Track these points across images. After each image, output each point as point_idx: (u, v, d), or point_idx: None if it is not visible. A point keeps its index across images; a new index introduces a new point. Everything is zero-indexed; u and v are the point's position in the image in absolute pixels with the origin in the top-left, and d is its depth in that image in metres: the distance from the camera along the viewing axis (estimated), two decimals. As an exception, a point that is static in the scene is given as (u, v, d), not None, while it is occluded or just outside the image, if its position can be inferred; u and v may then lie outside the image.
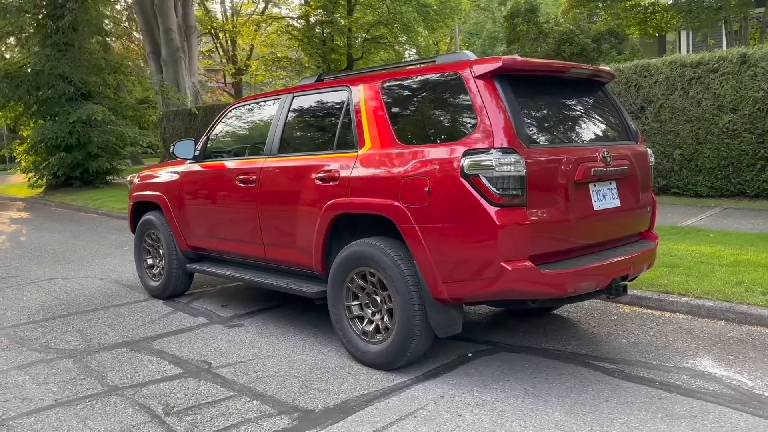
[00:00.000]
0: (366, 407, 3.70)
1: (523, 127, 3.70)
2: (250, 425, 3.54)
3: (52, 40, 15.94)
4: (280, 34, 37.23)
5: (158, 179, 6.28)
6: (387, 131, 4.22)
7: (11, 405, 3.95)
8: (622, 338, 4.76)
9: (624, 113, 4.61)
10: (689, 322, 5.09)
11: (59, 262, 8.58)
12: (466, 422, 3.45)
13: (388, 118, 4.25)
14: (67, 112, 16.01)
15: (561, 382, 3.95)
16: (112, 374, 4.39)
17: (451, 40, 44.00)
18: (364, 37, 35.61)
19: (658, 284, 5.71)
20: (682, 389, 3.79)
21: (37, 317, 5.88)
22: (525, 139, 3.67)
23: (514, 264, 3.58)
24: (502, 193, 3.57)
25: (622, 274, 4.06)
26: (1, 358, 4.82)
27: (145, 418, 3.68)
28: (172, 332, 5.28)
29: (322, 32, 35.55)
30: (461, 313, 4.07)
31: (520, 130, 3.66)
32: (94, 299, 6.48)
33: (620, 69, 10.65)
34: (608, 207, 4.10)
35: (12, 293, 6.87)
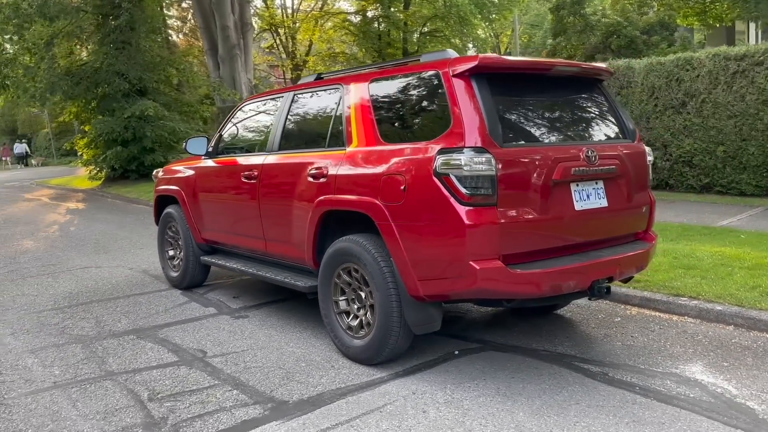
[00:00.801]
0: (337, 401, 3.77)
1: (498, 126, 3.67)
2: (223, 413, 3.67)
3: (110, 38, 16.66)
4: (337, 29, 37.60)
5: (177, 174, 6.52)
6: (372, 129, 4.27)
7: (14, 385, 4.22)
8: (617, 341, 4.66)
9: (621, 111, 4.50)
10: (695, 326, 4.93)
11: (98, 252, 9.01)
12: (428, 419, 3.48)
13: (374, 116, 4.30)
14: (123, 108, 16.71)
15: (537, 383, 3.91)
16: (113, 360, 4.62)
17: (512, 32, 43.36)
18: (420, 30, 35.54)
19: (671, 286, 5.54)
20: (660, 395, 3.70)
21: (62, 304, 6.22)
22: (499, 138, 3.65)
23: (483, 263, 3.57)
24: (471, 193, 3.57)
25: (606, 275, 3.98)
26: (19, 340, 5.14)
27: (128, 403, 3.87)
28: (181, 321, 5.50)
29: (378, 27, 35.69)
30: (440, 311, 4.08)
31: (493, 129, 3.64)
32: (119, 288, 6.79)
33: (662, 62, 10.30)
34: (593, 207, 4.02)
35: (47, 281, 7.28)
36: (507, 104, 3.95)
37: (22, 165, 42.80)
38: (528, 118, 4.07)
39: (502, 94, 3.89)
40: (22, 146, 44.25)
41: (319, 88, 4.94)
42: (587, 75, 4.39)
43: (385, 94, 4.32)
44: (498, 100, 3.82)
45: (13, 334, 5.32)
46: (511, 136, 3.79)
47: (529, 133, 3.98)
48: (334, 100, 4.71)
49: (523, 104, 4.08)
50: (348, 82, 4.62)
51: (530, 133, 3.98)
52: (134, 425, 3.58)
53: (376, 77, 4.43)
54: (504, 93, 3.91)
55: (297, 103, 5.13)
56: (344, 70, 5.05)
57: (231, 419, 3.60)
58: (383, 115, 4.28)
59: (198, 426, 3.53)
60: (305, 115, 5.09)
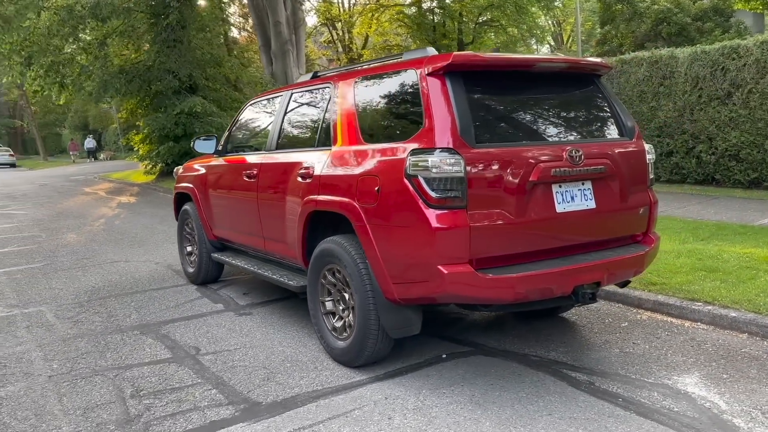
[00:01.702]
0: (309, 404, 3.75)
1: (471, 126, 3.55)
2: (194, 413, 3.72)
3: (161, 37, 17.15)
4: (392, 22, 37.52)
5: (192, 173, 6.64)
6: (354, 129, 4.22)
7: (13, 378, 4.40)
8: (616, 347, 4.46)
9: (618, 108, 4.28)
10: (706, 333, 4.67)
11: (132, 246, 9.31)
12: (391, 426, 3.42)
13: (357, 116, 4.24)
14: (174, 105, 17.20)
15: (516, 391, 3.78)
16: (110, 355, 4.75)
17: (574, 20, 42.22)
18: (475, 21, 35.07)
19: (687, 290, 5.27)
20: (641, 408, 3.51)
21: (83, 298, 6.45)
22: (471, 138, 3.53)
23: (451, 268, 3.47)
24: (440, 195, 3.47)
25: (591, 280, 3.80)
26: (32, 333, 5.35)
27: (111, 399, 3.97)
28: (187, 317, 5.60)
29: (432, 18, 35.43)
30: (419, 315, 4.00)
31: (465, 129, 3.52)
32: (140, 282, 6.99)
33: (706, 51, 9.78)
34: (578, 209, 3.84)
35: (76, 274, 7.56)
36: (485, 103, 3.82)
37: (91, 159, 44.70)
38: (508, 118, 3.92)
39: (479, 92, 3.76)
40: (91, 141, 46.21)
41: (313, 87, 4.92)
42: (580, 70, 4.20)
43: (367, 93, 4.26)
44: (474, 100, 3.70)
45: (28, 327, 5.55)
46: (486, 136, 3.66)
47: (508, 133, 3.83)
48: (324, 99, 4.68)
49: (503, 103, 3.93)
50: (337, 80, 4.58)
51: (509, 133, 3.83)
52: (109, 422, 3.66)
53: (361, 76, 4.37)
54: (482, 92, 3.79)
55: (293, 102, 5.13)
56: (338, 69, 5.00)
57: (201, 419, 3.64)
58: (365, 114, 4.22)
59: (168, 425, 3.59)
60: (299, 114, 5.08)
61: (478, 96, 3.75)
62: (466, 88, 3.66)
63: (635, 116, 10.96)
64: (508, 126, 3.88)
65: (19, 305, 6.27)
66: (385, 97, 4.13)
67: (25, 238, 10.57)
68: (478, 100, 3.75)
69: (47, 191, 20.30)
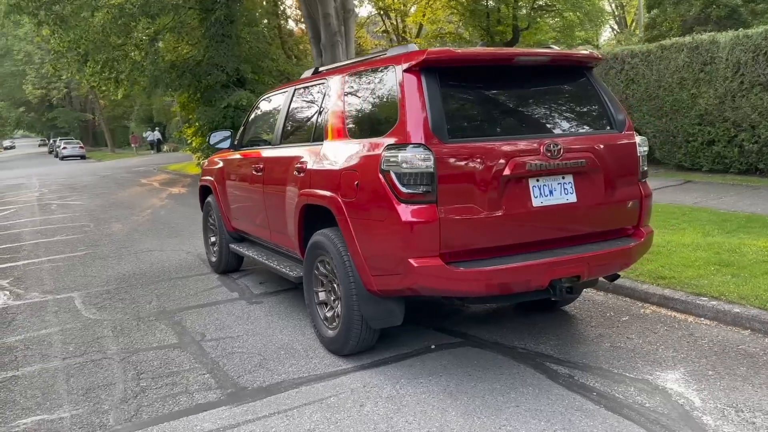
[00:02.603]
0: (290, 390, 3.91)
1: (443, 121, 3.60)
2: (184, 396, 3.93)
3: (210, 32, 17.63)
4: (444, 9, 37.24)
5: (213, 166, 6.90)
6: (342, 124, 4.32)
7: (32, 359, 4.74)
8: (607, 342, 4.43)
9: (608, 100, 4.22)
10: (707, 329, 4.58)
11: (170, 236, 9.71)
12: (360, 413, 3.53)
13: (344, 111, 4.35)
14: (222, 98, 17.68)
15: (492, 382, 3.83)
16: (122, 339, 5.04)
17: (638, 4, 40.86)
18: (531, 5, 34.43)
19: (695, 285, 5.16)
20: (612, 403, 3.51)
21: (112, 285, 6.81)
22: (443, 133, 3.58)
23: (421, 261, 3.55)
24: (409, 190, 3.54)
25: (568, 274, 3.79)
26: (58, 318, 5.72)
27: (112, 380, 4.23)
28: (202, 305, 5.86)
29: (486, 4, 34.96)
30: (401, 306, 4.08)
31: (437, 124, 3.58)
32: (167, 271, 7.32)
33: (748, 35, 9.38)
34: (557, 203, 3.83)
35: (111, 263, 7.98)
36: (461, 98, 3.86)
37: (154, 151, 46.35)
38: (486, 112, 3.95)
39: (456, 88, 3.80)
40: (154, 134, 47.87)
41: (312, 83, 5.05)
42: (566, 63, 4.17)
43: (354, 89, 4.36)
44: (450, 95, 3.75)
45: (56, 312, 5.92)
46: (461, 131, 3.70)
47: (485, 128, 3.85)
48: (320, 95, 4.80)
49: (482, 97, 3.96)
50: (331, 75, 4.70)
51: (486, 128, 3.86)
52: (105, 401, 3.92)
53: (350, 71, 4.47)
54: (459, 87, 3.83)
55: (296, 97, 5.28)
56: (337, 64, 5.11)
57: (188, 401, 3.85)
58: (351, 110, 4.32)
59: (157, 406, 3.81)
60: (300, 109, 5.22)
61: (454, 91, 3.79)
62: (442, 84, 3.71)
63: (675, 104, 10.64)
64: (485, 121, 3.90)
65: (53, 291, 6.68)
66: (369, 94, 4.21)
67: (75, 227, 11.16)
68: (455, 96, 3.80)
69: (106, 182, 21.26)
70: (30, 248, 9.38)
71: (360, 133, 4.14)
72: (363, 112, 4.25)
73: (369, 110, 4.20)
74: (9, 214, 13.81)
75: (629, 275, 5.58)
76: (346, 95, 4.39)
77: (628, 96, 11.33)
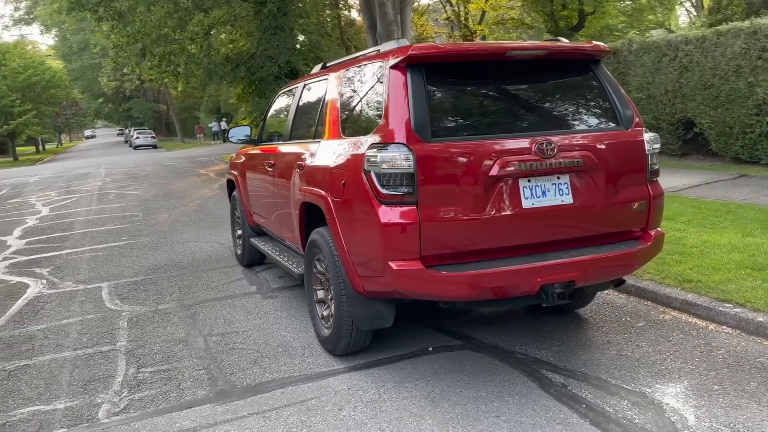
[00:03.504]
0: (276, 390, 3.89)
1: (427, 120, 3.48)
2: (174, 392, 3.98)
3: (263, 24, 17.87)
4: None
5: (238, 160, 6.97)
6: (337, 122, 4.26)
7: (46, 349, 4.91)
8: (614, 350, 4.21)
9: (614, 95, 3.97)
10: (727, 338, 4.29)
11: (210, 227, 9.91)
12: (336, 418, 3.48)
13: (340, 108, 4.28)
14: (274, 90, 17.91)
15: (479, 389, 3.70)
16: (133, 331, 5.16)
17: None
18: (599, -12, 33.20)
19: (722, 290, 4.84)
20: (600, 417, 3.33)
21: (141, 276, 7.00)
22: (426, 132, 3.46)
23: (401, 264, 3.45)
24: (389, 191, 3.45)
25: (560, 279, 3.60)
26: (82, 308, 5.92)
27: (113, 373, 4.34)
28: (218, 298, 5.94)
29: (550, -13, 33.94)
30: (391, 308, 4.00)
31: (420, 123, 3.46)
32: (196, 262, 7.46)
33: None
34: (551, 204, 3.65)
35: (147, 253, 8.20)
36: (450, 96, 3.72)
37: (220, 141, 47.54)
38: (476, 110, 3.79)
39: (444, 85, 3.67)
40: (219, 124, 49.06)
41: (317, 79, 5.00)
42: (567, 57, 3.95)
43: (349, 86, 4.28)
44: (436, 92, 3.62)
45: (82, 302, 6.14)
46: (446, 130, 3.57)
47: (472, 126, 3.70)
48: (323, 91, 4.75)
49: (472, 94, 3.81)
50: (331, 73, 4.64)
51: (473, 126, 3.70)
52: (100, 394, 4.02)
53: (347, 67, 4.39)
54: (448, 84, 3.69)
55: (304, 93, 5.24)
56: (341, 60, 5.03)
57: (177, 397, 3.90)
58: (345, 107, 4.25)
59: (147, 401, 3.88)
60: (306, 105, 5.18)
61: (442, 88, 3.66)
62: (429, 81, 3.58)
63: (731, 93, 10.02)
64: (474, 119, 3.75)
65: (85, 281, 6.93)
66: (360, 90, 4.12)
67: (125, 217, 11.56)
68: (442, 93, 3.67)
69: (167, 172, 21.93)
70: (77, 237, 9.77)
71: (351, 131, 4.06)
72: (355, 110, 4.17)
73: (360, 108, 4.12)
74: (69, 203, 14.44)
75: (654, 278, 5.30)
76: (342, 92, 4.32)
77: (681, 85, 10.75)
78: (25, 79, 45.68)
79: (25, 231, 10.93)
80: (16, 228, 11.33)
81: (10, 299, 6.44)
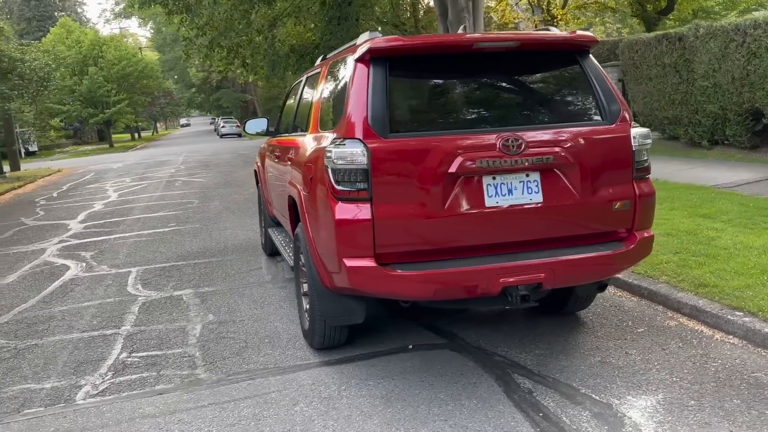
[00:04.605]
0: (244, 382, 3.94)
1: (385, 115, 3.40)
2: (152, 377, 4.11)
3: (328, 14, 18.02)
4: (591, -27, 35.00)
5: (260, 152, 7.08)
6: (317, 115, 4.25)
7: (58, 330, 5.19)
8: (598, 356, 4.00)
9: (600, 88, 3.73)
10: (729, 349, 3.99)
11: (252, 215, 10.09)
12: (288, 413, 3.48)
13: (321, 102, 4.26)
14: (337, 79, 18.07)
15: (438, 391, 3.60)
16: (142, 316, 5.36)
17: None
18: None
19: (738, 296, 4.50)
20: (553, 427, 3.16)
21: (170, 262, 7.26)
22: (383, 128, 3.38)
23: (354, 261, 3.41)
24: (343, 188, 3.40)
25: (524, 281, 3.45)
26: (106, 291, 6.21)
27: (105, 356, 4.53)
28: (232, 286, 6.08)
29: (638, -35, 32.36)
30: (362, 305, 3.95)
31: (377, 118, 3.39)
32: (226, 250, 7.66)
33: None
34: (517, 203, 3.48)
35: (185, 239, 8.50)
36: (413, 89, 3.63)
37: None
38: (440, 104, 3.67)
39: (407, 78, 3.58)
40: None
41: (314, 71, 5.00)
42: (546, 48, 3.75)
43: (329, 79, 4.25)
44: (399, 86, 3.54)
45: (108, 286, 6.44)
46: (406, 125, 3.48)
47: (435, 121, 3.58)
48: (316, 83, 4.74)
49: (437, 88, 3.69)
50: (324, 65, 4.62)
51: (436, 121, 3.58)
52: (86, 375, 4.21)
53: (333, 60, 4.36)
54: (412, 77, 3.60)
55: (305, 85, 5.26)
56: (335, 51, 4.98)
57: (153, 383, 4.02)
58: (323, 101, 4.23)
59: (125, 386, 4.02)
60: (304, 98, 5.19)
61: (405, 82, 3.58)
62: (392, 74, 3.50)
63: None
64: (439, 114, 3.63)
65: (120, 265, 7.26)
66: (336, 84, 4.08)
67: (182, 204, 12.02)
68: (406, 87, 3.58)
69: (239, 160, 22.57)
70: (130, 223, 10.25)
71: (324, 126, 4.05)
72: (329, 104, 4.14)
73: (332, 102, 4.08)
74: (138, 190, 15.17)
75: (670, 281, 4.99)
76: (325, 85, 4.30)
77: (749, 72, 10.00)
78: (119, 69, 48.21)
79: (88, 215, 11.58)
80: (82, 212, 12.02)
81: (49, 281, 6.85)
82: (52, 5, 64.21)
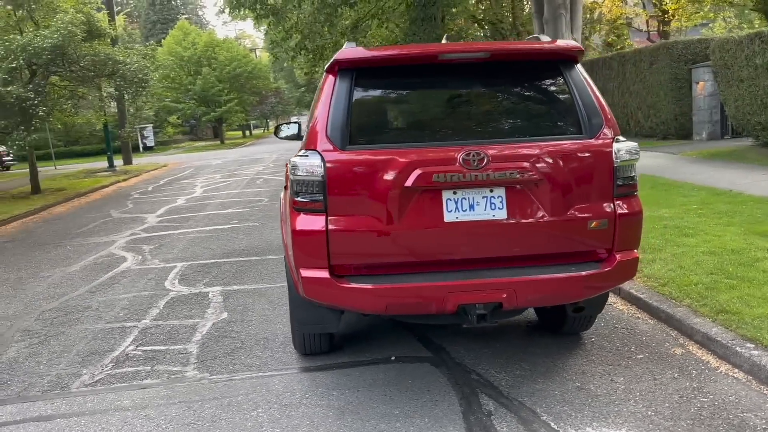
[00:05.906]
0: (222, 383, 4.06)
1: (344, 127, 3.40)
2: (144, 371, 4.33)
3: (411, 15, 18.06)
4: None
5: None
6: (307, 123, 4.30)
7: (86, 320, 5.57)
8: (578, 381, 3.80)
9: (581, 101, 3.51)
10: (728, 385, 3.67)
11: (310, 216, 10.36)
12: (244, 417, 3.56)
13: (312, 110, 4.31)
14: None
15: (395, 406, 3.55)
16: (165, 311, 5.64)
17: None
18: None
19: (754, 326, 4.13)
20: (490, 454, 3.05)
21: (215, 258, 7.57)
22: (342, 140, 3.39)
23: (308, 272, 3.43)
24: (300, 198, 3.44)
25: (481, 300, 3.33)
26: (146, 284, 6.58)
27: (113, 347, 4.81)
28: (253, 287, 6.23)
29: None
30: (336, 315, 3.96)
31: (335, 130, 3.39)
32: (269, 249, 7.88)
33: None
34: (478, 219, 3.37)
35: (239, 236, 8.84)
36: (377, 102, 3.59)
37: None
38: (402, 117, 3.62)
39: (372, 90, 3.56)
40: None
41: (323, 78, 5.04)
42: (521, 58, 3.59)
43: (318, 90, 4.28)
44: (362, 98, 3.52)
45: (150, 279, 6.82)
46: (365, 137, 3.46)
47: (395, 134, 3.54)
48: (320, 89, 4.80)
49: (402, 101, 3.63)
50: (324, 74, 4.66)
51: (398, 134, 3.53)
52: (89, 365, 4.49)
53: (326, 70, 4.39)
54: (377, 89, 3.57)
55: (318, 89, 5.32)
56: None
57: (143, 377, 4.24)
58: (311, 110, 4.27)
59: (118, 378, 4.27)
60: (314, 105, 5.25)
61: (370, 94, 3.55)
62: (357, 86, 3.49)
63: None
64: (401, 126, 3.58)
65: (169, 260, 7.67)
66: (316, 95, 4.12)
67: (252, 201, 12.48)
68: (370, 99, 3.56)
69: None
70: (199, 219, 10.78)
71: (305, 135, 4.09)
72: (309, 114, 4.18)
73: (310, 112, 4.12)
74: (221, 186, 15.90)
75: (692, 304, 4.64)
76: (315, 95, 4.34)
77: None
78: (231, 70, 50.64)
79: (168, 210, 12.29)
80: (164, 207, 12.77)
81: (104, 271, 7.35)
82: (174, 8, 68.30)
